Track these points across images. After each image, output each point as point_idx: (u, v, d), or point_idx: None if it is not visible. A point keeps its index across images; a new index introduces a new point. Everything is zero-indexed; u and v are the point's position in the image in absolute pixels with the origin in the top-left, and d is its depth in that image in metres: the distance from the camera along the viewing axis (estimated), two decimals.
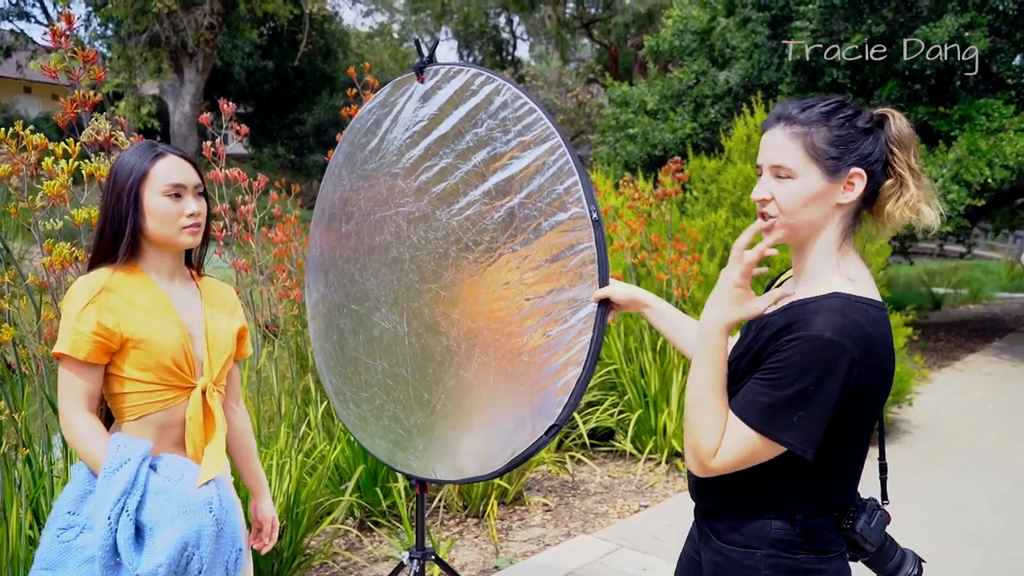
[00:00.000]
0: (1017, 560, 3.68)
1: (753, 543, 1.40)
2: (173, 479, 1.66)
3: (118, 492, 1.59)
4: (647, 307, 1.84)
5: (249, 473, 2.07)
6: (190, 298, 1.84)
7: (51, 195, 2.17)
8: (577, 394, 1.89)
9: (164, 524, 1.60)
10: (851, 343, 1.26)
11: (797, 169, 1.37)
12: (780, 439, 1.30)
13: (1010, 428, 6.04)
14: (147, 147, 1.76)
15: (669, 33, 11.45)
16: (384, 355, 2.31)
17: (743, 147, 5.83)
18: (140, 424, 1.74)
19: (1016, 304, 14.56)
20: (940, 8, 8.53)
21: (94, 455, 1.66)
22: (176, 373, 1.75)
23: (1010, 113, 8.10)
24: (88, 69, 2.52)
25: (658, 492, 4.60)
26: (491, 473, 2.09)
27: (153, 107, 19.43)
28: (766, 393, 1.31)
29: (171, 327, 1.74)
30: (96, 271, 1.73)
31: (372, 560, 3.64)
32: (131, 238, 1.72)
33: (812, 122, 1.38)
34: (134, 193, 1.70)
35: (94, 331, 1.65)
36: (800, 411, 1.28)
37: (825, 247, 1.41)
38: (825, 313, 1.29)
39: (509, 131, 2.01)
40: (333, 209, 2.44)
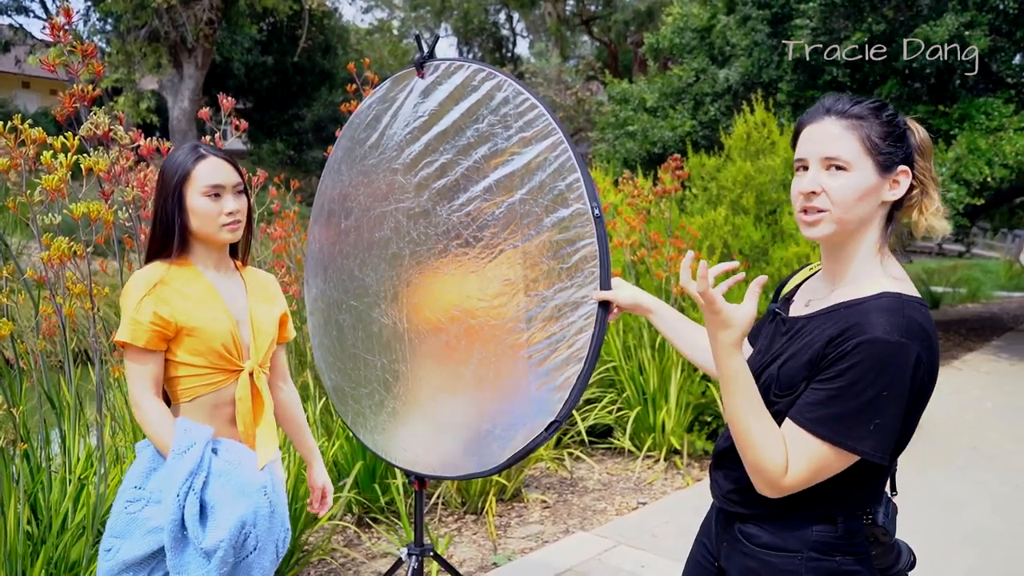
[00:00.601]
0: (1016, 561, 3.68)
1: (793, 547, 1.37)
2: (233, 463, 1.82)
3: (186, 472, 1.75)
4: (651, 312, 1.83)
5: (301, 444, 2.24)
6: (235, 287, 1.98)
7: (50, 189, 2.17)
8: (578, 391, 1.88)
9: (225, 504, 1.76)
10: (916, 343, 1.24)
11: (853, 161, 1.34)
12: (857, 449, 1.26)
13: (1009, 428, 6.05)
14: (190, 149, 1.89)
15: (669, 31, 11.44)
16: (383, 351, 2.30)
17: (743, 145, 5.83)
18: (194, 405, 1.89)
19: (1015, 303, 14.58)
20: (940, 7, 8.53)
21: (162, 437, 1.81)
22: (226, 357, 1.89)
23: (1010, 112, 8.11)
24: (87, 63, 2.51)
25: (656, 489, 4.60)
26: (490, 469, 2.09)
27: (152, 102, 19.37)
28: (836, 403, 1.26)
29: (220, 315, 1.89)
30: (151, 265, 1.88)
31: (370, 556, 3.64)
32: (180, 235, 1.87)
33: (866, 116, 1.36)
34: (178, 193, 1.85)
35: (151, 321, 1.79)
36: (876, 418, 1.24)
37: (868, 247, 1.38)
38: (882, 313, 1.26)
39: (510, 127, 2.01)
40: (332, 204, 2.44)
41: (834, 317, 1.33)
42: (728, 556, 1.49)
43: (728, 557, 1.49)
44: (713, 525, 1.58)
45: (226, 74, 21.52)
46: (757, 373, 1.43)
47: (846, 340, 1.26)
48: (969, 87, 9.06)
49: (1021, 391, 7.29)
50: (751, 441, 1.31)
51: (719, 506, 1.54)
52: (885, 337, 1.23)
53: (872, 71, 9.08)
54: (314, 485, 2.24)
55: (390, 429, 2.33)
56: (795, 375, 1.35)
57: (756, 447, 1.31)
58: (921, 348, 1.24)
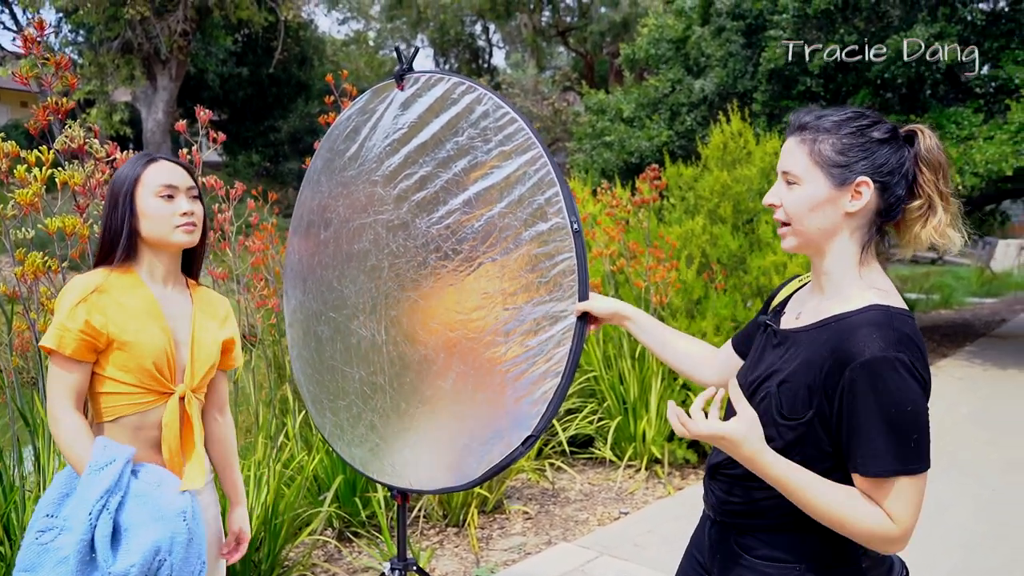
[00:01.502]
0: (997, 561, 3.72)
1: (792, 558, 1.37)
2: (153, 484, 1.70)
3: (101, 490, 1.63)
4: (629, 320, 1.84)
5: (228, 482, 2.09)
6: (181, 305, 1.87)
7: (24, 203, 2.13)
8: (554, 405, 1.88)
9: (140, 527, 1.64)
10: (907, 353, 1.25)
11: (802, 175, 1.37)
12: (923, 468, 1.27)
13: (985, 432, 6.12)
14: (141, 156, 1.83)
15: (645, 42, 11.53)
16: (362, 363, 2.29)
17: (719, 155, 5.87)
18: (116, 426, 1.78)
19: (986, 309, 14.79)
20: (911, 18, 8.67)
21: (78, 453, 1.70)
22: (156, 378, 1.78)
23: (979, 121, 8.24)
24: (60, 75, 2.48)
25: (638, 499, 4.60)
26: (467, 483, 2.07)
27: (125, 114, 19.19)
28: (880, 440, 1.26)
29: (156, 332, 1.78)
30: (94, 271, 1.79)
31: (352, 571, 3.60)
32: (127, 241, 1.77)
33: (822, 129, 1.37)
34: (129, 197, 1.77)
35: (81, 329, 1.69)
36: (914, 433, 1.26)
37: (844, 260, 1.39)
38: (872, 329, 1.27)
39: (490, 140, 2.00)
40: (311, 215, 2.42)
41: (825, 332, 1.33)
42: (724, 568, 1.48)
43: (724, 569, 1.48)
44: (706, 537, 1.57)
45: (200, 86, 21.37)
46: (752, 387, 1.43)
47: (843, 369, 1.27)
48: (939, 97, 9.21)
49: (995, 396, 7.38)
50: (843, 517, 1.28)
51: (715, 518, 1.53)
52: (882, 355, 1.24)
53: (845, 81, 9.21)
54: (231, 529, 2.07)
55: (368, 442, 2.31)
56: (797, 401, 1.34)
57: (851, 519, 1.28)
58: (912, 357, 1.25)
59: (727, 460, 1.46)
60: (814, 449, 1.34)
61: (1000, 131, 7.82)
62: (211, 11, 17.80)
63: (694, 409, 1.33)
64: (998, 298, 16.99)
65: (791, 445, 1.35)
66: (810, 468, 1.32)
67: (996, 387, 7.79)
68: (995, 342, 10.67)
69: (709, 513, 1.55)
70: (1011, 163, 7.43)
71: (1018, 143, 7.60)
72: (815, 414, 1.32)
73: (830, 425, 1.32)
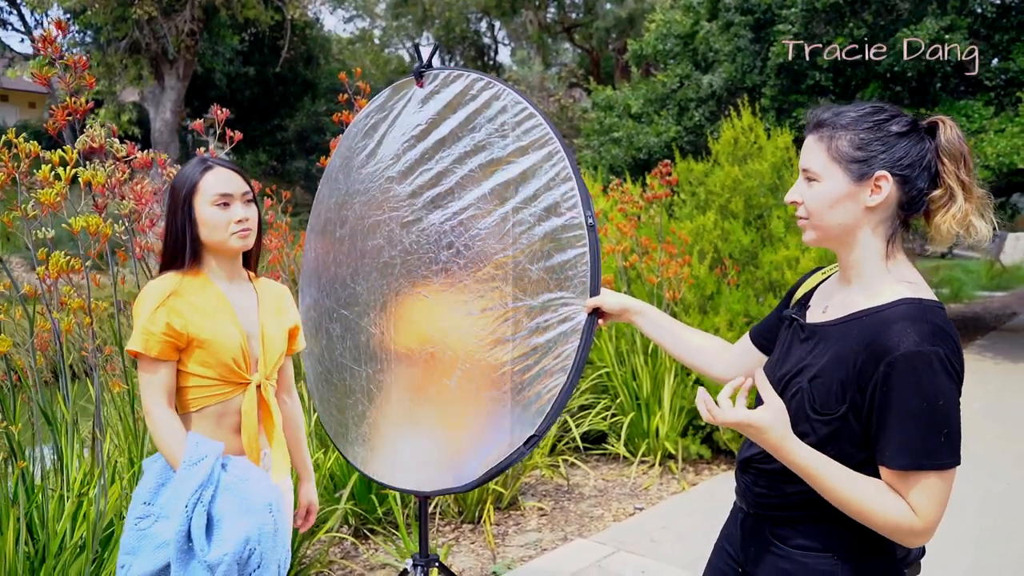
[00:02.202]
0: (1010, 558, 3.71)
1: (829, 547, 1.38)
2: (241, 478, 1.82)
3: (196, 484, 1.75)
4: (639, 315, 1.84)
5: (297, 459, 2.24)
6: (247, 299, 2.00)
7: (49, 203, 2.15)
8: (559, 404, 1.87)
9: (231, 519, 1.76)
10: (943, 347, 1.25)
11: (821, 172, 1.39)
12: (953, 463, 1.27)
13: (997, 426, 6.10)
14: (198, 162, 1.92)
15: (653, 37, 11.51)
16: (369, 360, 2.29)
17: (730, 149, 5.86)
18: (201, 415, 1.91)
19: (996, 303, 14.73)
20: (920, 11, 8.63)
21: (172, 448, 1.82)
22: (234, 370, 1.90)
23: (989, 114, 8.21)
24: (79, 76, 2.49)
25: (652, 495, 4.60)
26: (465, 485, 2.05)
27: (134, 114, 19.24)
28: (911, 434, 1.26)
29: (230, 328, 1.90)
30: (164, 276, 1.91)
31: (369, 568, 3.62)
32: (191, 246, 1.89)
33: (840, 126, 1.38)
34: (188, 205, 1.88)
35: (164, 332, 1.82)
36: (945, 428, 1.26)
37: (870, 254, 1.39)
38: (907, 323, 1.27)
39: (507, 136, 2.00)
40: (329, 213, 2.43)
41: (857, 326, 1.33)
42: (758, 560, 1.48)
43: (758, 561, 1.48)
44: (738, 530, 1.57)
45: (208, 85, 21.42)
46: (783, 383, 1.43)
47: (878, 363, 1.27)
48: (950, 90, 9.17)
49: (1007, 389, 7.36)
50: (868, 509, 1.29)
51: (749, 511, 1.53)
52: (916, 349, 1.24)
53: (854, 75, 9.18)
54: (301, 501, 2.24)
55: (370, 441, 2.31)
56: (830, 396, 1.34)
57: (876, 511, 1.29)
58: (948, 350, 1.25)
59: (759, 454, 1.46)
60: (849, 443, 1.34)
61: (1011, 124, 7.80)
62: (218, 10, 17.83)
63: (721, 397, 1.34)
64: (1008, 291, 16.92)
65: (825, 440, 1.35)
66: (845, 463, 1.33)
67: (1007, 381, 7.77)
68: (1006, 336, 10.63)
69: (742, 506, 1.55)
70: (1023, 155, 7.40)
71: None
72: (848, 408, 1.32)
73: (863, 419, 1.32)
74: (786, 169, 5.61)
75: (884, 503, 1.28)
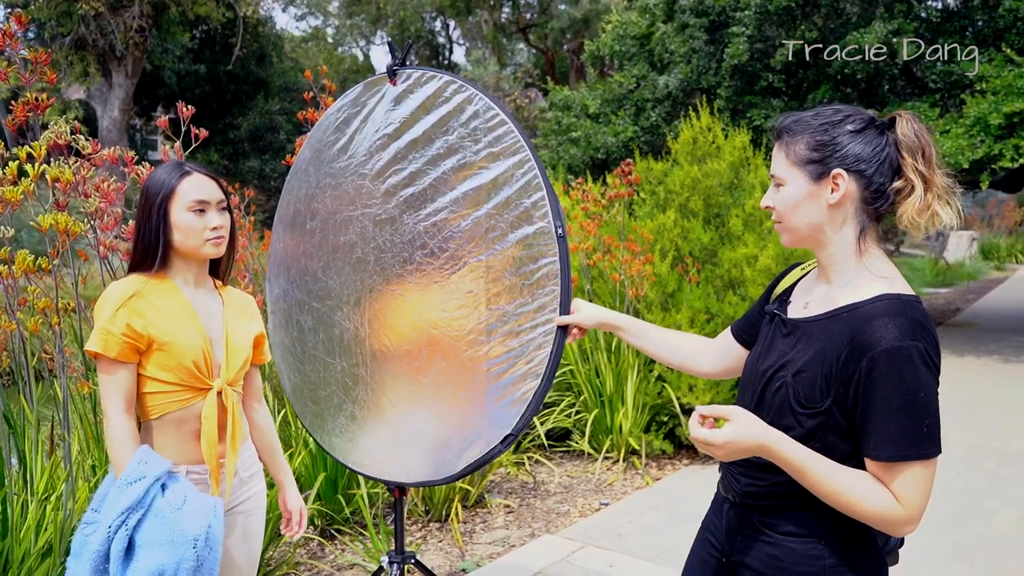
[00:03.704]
0: (963, 545, 3.84)
1: (815, 532, 1.42)
2: (174, 507, 1.75)
3: (123, 507, 1.70)
4: (620, 329, 1.88)
5: (274, 467, 2.21)
6: (212, 305, 1.97)
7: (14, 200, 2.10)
8: (534, 406, 1.91)
9: (151, 548, 1.69)
10: (923, 340, 1.30)
11: (784, 176, 1.46)
12: (934, 453, 1.32)
13: (947, 417, 6.27)
14: (175, 166, 1.89)
15: (610, 38, 11.62)
16: (344, 354, 2.29)
17: (689, 149, 5.94)
18: (160, 422, 1.87)
19: (941, 299, 15.18)
20: (868, 15, 8.86)
21: (117, 458, 1.79)
22: (195, 375, 1.87)
23: (935, 115, 8.46)
24: (40, 72, 2.44)
25: (617, 490, 4.65)
26: (445, 478, 2.08)
27: (80, 112, 18.79)
28: (894, 425, 1.31)
29: (192, 332, 1.87)
30: (129, 277, 1.89)
31: (337, 568, 3.60)
32: (161, 250, 1.86)
33: (797, 132, 1.45)
34: (163, 209, 1.85)
35: (123, 332, 1.79)
36: (926, 419, 1.31)
37: (842, 249, 1.44)
38: (887, 319, 1.31)
39: (479, 141, 2.02)
40: (298, 205, 2.42)
41: (839, 323, 1.38)
42: (746, 548, 1.52)
43: (746, 549, 1.52)
44: (723, 521, 1.60)
45: (157, 83, 20.98)
46: (766, 376, 1.47)
47: (861, 358, 1.32)
48: (897, 92, 9.43)
49: (954, 383, 7.60)
50: (853, 500, 1.33)
51: (735, 501, 1.56)
52: (897, 345, 1.29)
53: (806, 77, 9.38)
54: (289, 509, 2.21)
55: (348, 433, 2.32)
56: (815, 390, 1.38)
57: (862, 502, 1.33)
58: (927, 344, 1.30)
59: None
60: (834, 436, 1.38)
61: (956, 125, 8.05)
62: (168, 7, 17.48)
63: (692, 420, 1.38)
64: (952, 288, 17.45)
65: (811, 432, 1.39)
66: (830, 454, 1.37)
67: (955, 373, 8.02)
68: (951, 331, 10.97)
69: (728, 496, 1.58)
70: (968, 156, 7.65)
71: (973, 136, 7.82)
72: (833, 402, 1.36)
73: (847, 412, 1.36)
74: (744, 168, 5.72)
75: (869, 494, 1.32)
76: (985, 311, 13.27)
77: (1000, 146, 7.64)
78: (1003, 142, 7.67)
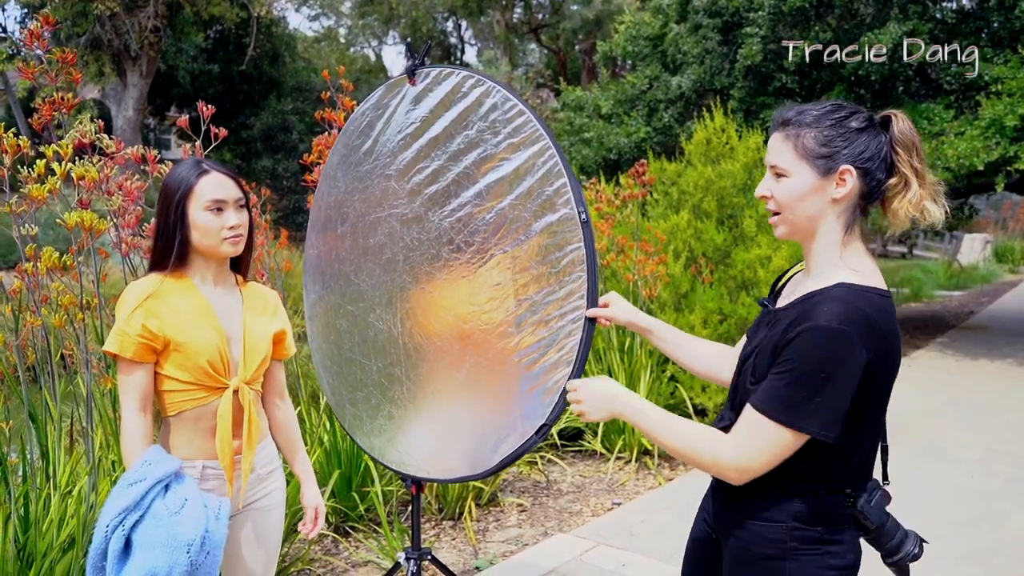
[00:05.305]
0: (979, 548, 3.83)
1: (778, 517, 1.49)
2: (172, 510, 1.75)
3: (121, 507, 1.71)
4: (649, 332, 1.91)
5: (294, 463, 2.21)
6: (231, 303, 1.97)
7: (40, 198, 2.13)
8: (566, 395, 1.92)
9: (147, 549, 1.70)
10: (855, 329, 1.34)
11: (789, 168, 1.48)
12: (804, 428, 1.38)
13: (962, 421, 6.28)
14: (193, 164, 1.89)
15: (622, 39, 11.61)
16: (379, 355, 2.31)
17: (703, 150, 5.95)
18: (178, 419, 1.89)
19: (955, 302, 15.10)
20: (883, 16, 8.83)
21: (127, 456, 1.82)
22: (210, 374, 1.87)
23: (950, 117, 8.42)
24: (66, 72, 2.47)
25: (629, 490, 4.66)
26: (482, 472, 2.11)
27: (95, 111, 18.92)
28: (784, 386, 1.38)
29: (208, 332, 1.87)
30: (147, 277, 1.90)
31: (352, 564, 3.62)
32: (179, 249, 1.86)
33: (804, 124, 1.48)
34: (181, 208, 1.85)
35: (139, 333, 1.80)
36: (817, 398, 1.36)
37: (828, 242, 1.49)
38: (830, 303, 1.38)
39: (499, 133, 2.04)
40: (329, 211, 2.44)
41: (798, 307, 1.45)
42: (723, 528, 1.62)
43: (723, 529, 1.62)
44: (710, 501, 1.70)
45: (171, 82, 21.10)
46: (742, 363, 1.57)
47: (795, 328, 1.39)
48: (911, 93, 9.39)
49: (968, 386, 7.57)
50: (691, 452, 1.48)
51: (714, 485, 1.66)
52: (825, 324, 1.35)
53: (820, 78, 9.36)
54: (306, 505, 2.21)
55: (386, 433, 2.34)
56: (763, 364, 1.46)
57: (701, 455, 1.47)
58: (861, 334, 1.35)
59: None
60: None
61: (971, 127, 8.00)
62: (182, 7, 17.58)
63: None
64: (965, 291, 17.35)
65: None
66: None
67: (969, 376, 7.98)
68: (965, 333, 10.91)
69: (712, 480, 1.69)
70: (982, 158, 7.61)
71: (988, 138, 7.78)
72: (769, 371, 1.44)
73: None
74: (757, 169, 5.71)
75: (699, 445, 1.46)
76: (999, 314, 13.20)
77: (1016, 148, 7.60)
78: (1018, 144, 7.63)
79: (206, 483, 1.90)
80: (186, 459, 1.88)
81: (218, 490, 1.91)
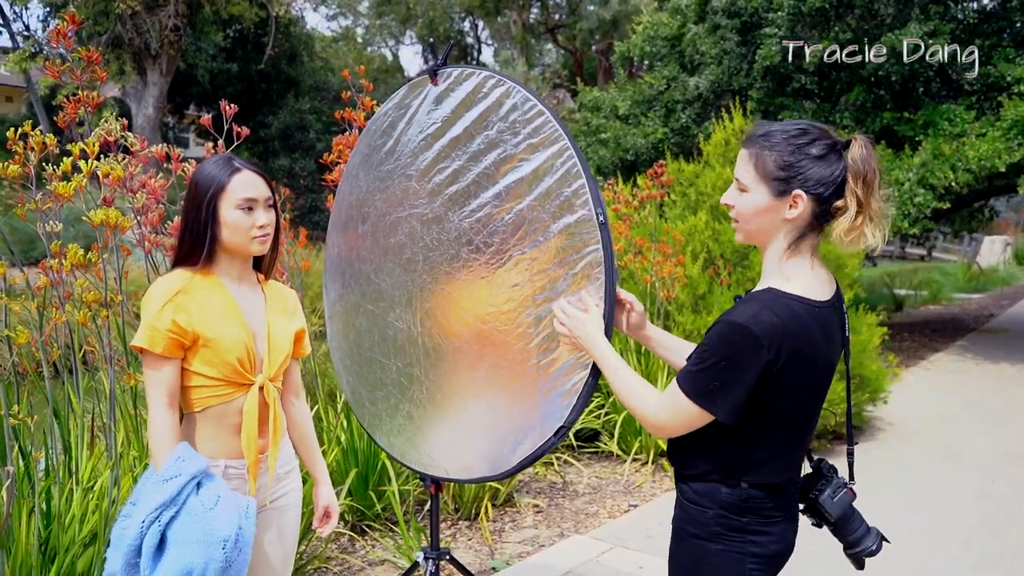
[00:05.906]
0: (998, 551, 3.80)
1: (705, 503, 1.62)
2: (207, 507, 1.76)
3: (157, 503, 1.72)
4: (651, 340, 1.99)
5: (310, 461, 2.22)
6: (255, 301, 1.98)
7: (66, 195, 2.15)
8: (585, 396, 1.92)
9: (183, 545, 1.71)
10: (761, 329, 1.47)
11: (749, 184, 1.59)
12: (703, 405, 1.54)
13: (981, 424, 6.22)
14: (224, 161, 1.90)
15: (640, 39, 11.58)
16: (398, 354, 2.32)
17: (721, 151, 5.93)
18: (203, 415, 1.89)
19: (974, 304, 14.96)
20: (904, 16, 8.76)
21: (156, 453, 1.82)
22: (238, 371, 1.88)
23: (971, 118, 8.33)
24: (91, 70, 2.50)
25: (646, 492, 4.65)
26: (502, 473, 2.11)
27: (115, 110, 19.09)
28: (693, 366, 1.56)
29: (236, 329, 1.88)
30: (174, 273, 1.89)
31: (368, 563, 3.63)
32: (208, 245, 1.87)
33: (767, 146, 1.57)
34: (212, 205, 1.85)
35: (169, 328, 1.80)
36: (715, 381, 1.52)
37: (775, 253, 1.61)
38: (750, 303, 1.53)
39: (519, 133, 2.04)
40: (350, 210, 2.45)
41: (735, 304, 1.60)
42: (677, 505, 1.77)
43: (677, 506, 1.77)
44: None
45: (190, 81, 21.26)
46: None
47: (717, 320, 1.55)
48: (932, 94, 9.31)
49: (988, 389, 7.50)
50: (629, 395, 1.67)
51: None
52: (731, 319, 1.51)
53: (839, 79, 9.29)
54: (318, 503, 2.21)
55: (405, 432, 2.35)
56: None
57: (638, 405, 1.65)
58: (767, 334, 1.47)
59: None
60: None
61: (992, 128, 7.92)
62: (202, 6, 17.72)
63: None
64: (985, 293, 17.18)
65: None
66: None
67: (988, 380, 7.91)
68: (985, 336, 10.81)
69: None
70: (1004, 159, 7.53)
71: (1010, 139, 7.70)
72: None
73: None
74: None
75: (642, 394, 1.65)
76: (1019, 317, 13.06)
77: None
78: None
79: (229, 483, 1.90)
80: (209, 457, 1.88)
81: (240, 490, 1.91)
